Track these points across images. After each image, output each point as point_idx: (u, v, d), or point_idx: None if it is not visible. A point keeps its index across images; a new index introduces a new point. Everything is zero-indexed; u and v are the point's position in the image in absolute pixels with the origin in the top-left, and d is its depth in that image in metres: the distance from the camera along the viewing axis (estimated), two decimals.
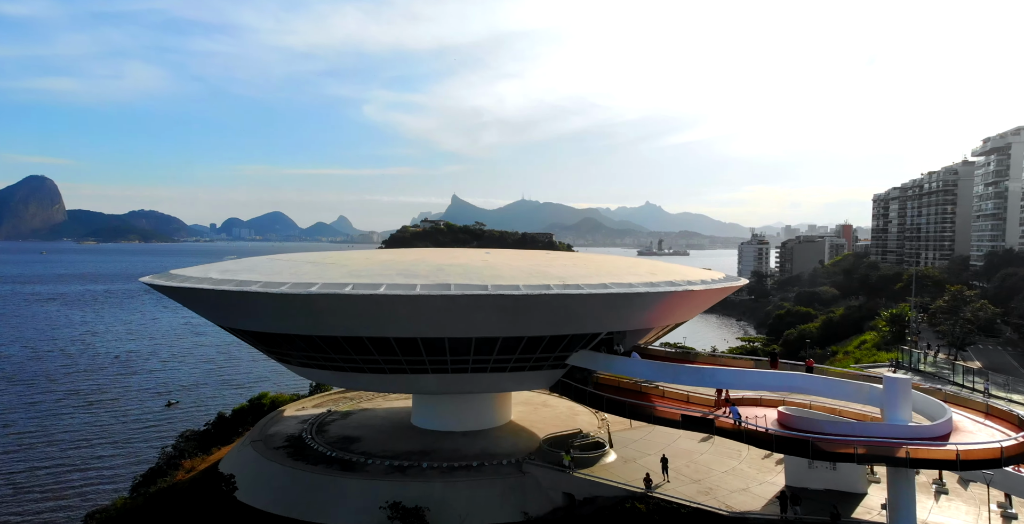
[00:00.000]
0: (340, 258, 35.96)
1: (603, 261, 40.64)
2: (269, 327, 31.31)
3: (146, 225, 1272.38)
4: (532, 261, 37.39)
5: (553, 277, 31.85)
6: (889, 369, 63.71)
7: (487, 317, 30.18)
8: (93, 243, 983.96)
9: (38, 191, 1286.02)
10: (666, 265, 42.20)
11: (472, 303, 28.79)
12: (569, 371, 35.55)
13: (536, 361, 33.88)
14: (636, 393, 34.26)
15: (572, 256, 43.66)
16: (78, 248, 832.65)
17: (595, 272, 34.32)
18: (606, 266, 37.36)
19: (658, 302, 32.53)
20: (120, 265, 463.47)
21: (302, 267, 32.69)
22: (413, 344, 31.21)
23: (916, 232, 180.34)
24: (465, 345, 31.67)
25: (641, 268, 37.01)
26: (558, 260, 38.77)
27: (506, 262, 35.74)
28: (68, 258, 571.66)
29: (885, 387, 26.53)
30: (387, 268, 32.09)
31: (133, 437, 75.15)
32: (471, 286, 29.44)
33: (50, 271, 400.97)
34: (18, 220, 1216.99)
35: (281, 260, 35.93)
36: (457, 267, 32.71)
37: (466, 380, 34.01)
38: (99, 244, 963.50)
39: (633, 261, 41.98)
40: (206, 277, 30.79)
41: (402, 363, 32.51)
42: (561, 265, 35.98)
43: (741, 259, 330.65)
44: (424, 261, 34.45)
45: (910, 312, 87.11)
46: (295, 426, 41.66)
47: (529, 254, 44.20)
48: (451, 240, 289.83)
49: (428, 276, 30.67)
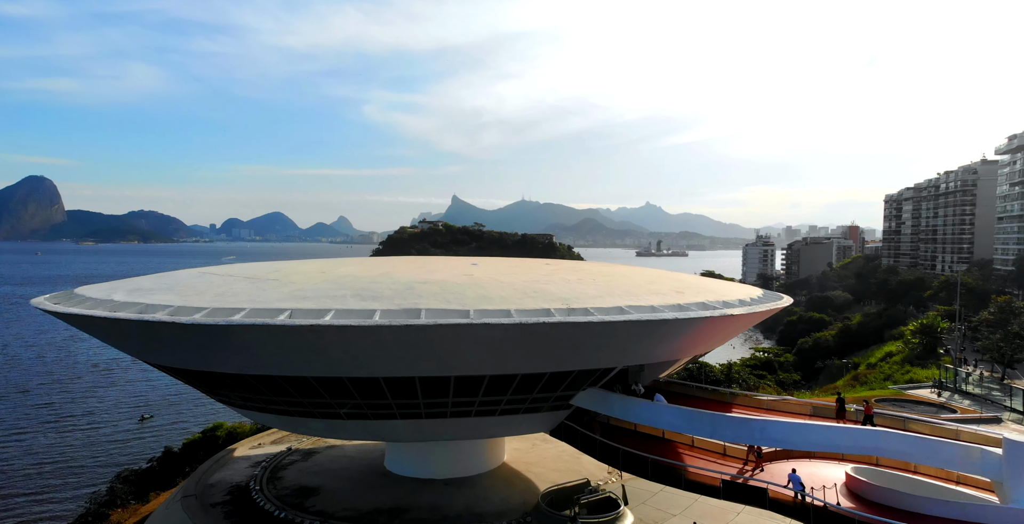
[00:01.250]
0: (290, 272, 28.93)
1: (614, 273, 33.55)
2: (188, 364, 24.45)
3: (146, 225, 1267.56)
4: (528, 274, 30.39)
5: (554, 297, 24.90)
6: (931, 390, 56.76)
7: (469, 352, 23.23)
8: (92, 244, 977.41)
9: (37, 191, 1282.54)
10: (692, 280, 35.11)
11: (449, 335, 21.86)
12: (574, 413, 28.65)
13: (533, 402, 26.94)
14: (658, 441, 27.37)
15: (576, 267, 36.50)
16: (76, 249, 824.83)
17: (606, 289, 27.34)
18: (619, 281, 30.30)
19: (689, 331, 25.54)
20: (117, 266, 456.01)
21: (235, 285, 25.69)
22: (374, 385, 24.28)
23: (932, 234, 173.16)
24: (442, 386, 24.73)
25: (663, 284, 29.95)
26: (559, 272, 31.78)
27: (495, 277, 28.72)
28: (64, 259, 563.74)
29: (1007, 453, 19.52)
30: (343, 287, 25.13)
31: (94, 462, 68.22)
32: (448, 312, 22.49)
33: (43, 272, 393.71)
34: (17, 220, 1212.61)
35: (215, 274, 28.91)
36: (433, 285, 25.74)
37: (445, 426, 27.06)
38: (98, 245, 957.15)
39: (652, 274, 34.87)
40: (106, 300, 23.84)
41: (362, 407, 25.57)
42: (563, 280, 28.98)
43: (746, 261, 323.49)
44: (393, 276, 27.44)
45: (943, 323, 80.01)
46: (244, 472, 34.64)
47: (525, 265, 37.11)
48: (450, 241, 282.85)
49: (393, 298, 23.72)
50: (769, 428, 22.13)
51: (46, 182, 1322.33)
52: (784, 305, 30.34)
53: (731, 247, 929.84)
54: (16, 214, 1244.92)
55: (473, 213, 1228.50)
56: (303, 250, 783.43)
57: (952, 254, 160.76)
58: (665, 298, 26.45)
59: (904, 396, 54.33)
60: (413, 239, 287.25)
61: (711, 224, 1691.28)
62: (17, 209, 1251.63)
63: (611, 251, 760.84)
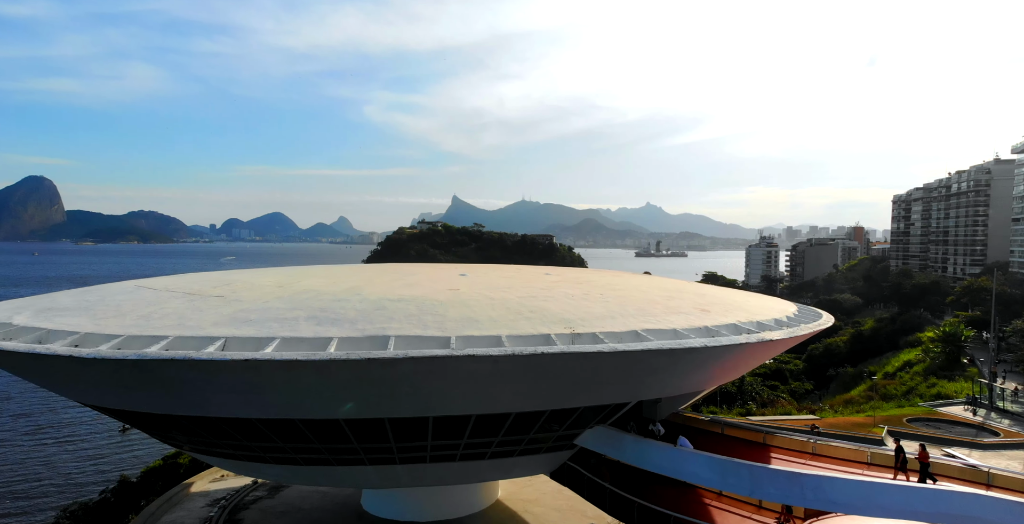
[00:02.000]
0: (241, 286, 24.42)
1: (626, 285, 28.97)
2: (103, 402, 20.03)
3: (145, 226, 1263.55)
4: (524, 288, 25.88)
5: (555, 318, 20.44)
6: (965, 407, 52.16)
7: (451, 390, 18.77)
8: (91, 244, 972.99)
9: (37, 191, 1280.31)
10: (715, 293, 30.50)
11: (424, 371, 17.39)
12: (579, 454, 24.18)
13: (529, 443, 22.46)
14: (680, 485, 22.87)
15: (580, 277, 31.87)
16: (74, 249, 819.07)
17: (618, 307, 22.85)
18: (632, 296, 25.76)
19: (720, 359, 21.05)
20: (113, 267, 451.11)
21: (169, 304, 21.18)
22: (333, 428, 19.81)
23: (943, 236, 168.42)
24: (418, 428, 20.27)
25: (684, 299, 25.41)
26: (561, 285, 27.26)
27: (485, 291, 24.23)
28: (61, 259, 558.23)
29: None
30: (298, 306, 20.66)
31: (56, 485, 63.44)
32: (424, 340, 18.03)
33: (38, 273, 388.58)
34: (17, 221, 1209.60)
35: (151, 289, 24.39)
36: (408, 303, 21.25)
37: (424, 472, 22.57)
38: (97, 245, 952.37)
39: (670, 286, 30.32)
40: (4, 323, 19.39)
41: (322, 452, 21.10)
42: (566, 295, 24.47)
43: (749, 262, 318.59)
44: (362, 292, 22.93)
45: (967, 330, 75.42)
46: (198, 513, 30.10)
47: (521, 275, 32.54)
48: (449, 242, 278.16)
49: (358, 321, 19.25)
50: (825, 487, 17.61)
51: (46, 182, 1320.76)
52: (826, 325, 25.82)
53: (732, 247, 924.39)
54: (16, 214, 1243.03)
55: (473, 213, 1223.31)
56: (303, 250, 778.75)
57: (964, 256, 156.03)
58: (689, 318, 21.97)
59: (937, 415, 49.75)
60: (412, 240, 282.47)
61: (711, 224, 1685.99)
62: (17, 209, 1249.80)
63: (611, 251, 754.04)
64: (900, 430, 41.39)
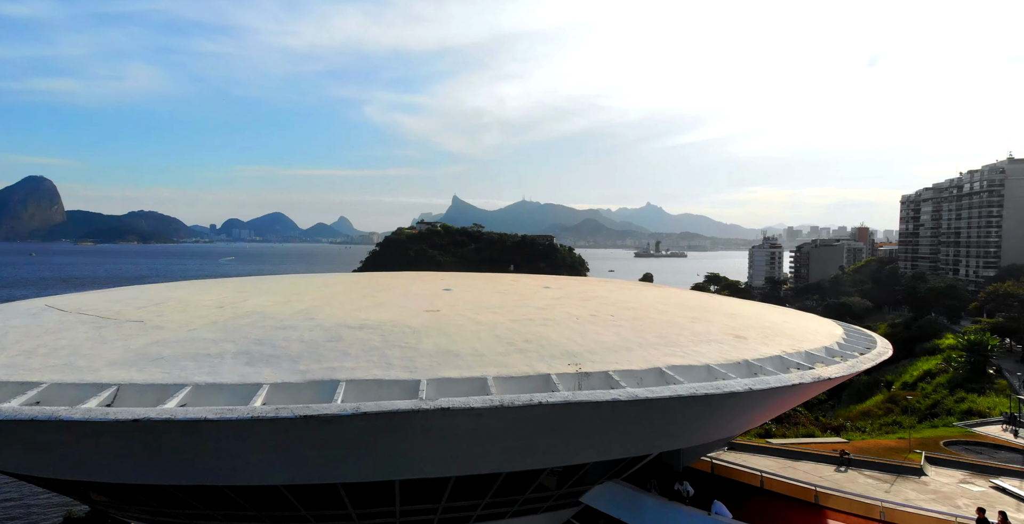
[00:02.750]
0: (174, 306, 20.01)
1: (642, 303, 24.46)
2: None
3: (145, 226, 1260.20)
4: (518, 307, 21.47)
5: (556, 350, 16.09)
6: (1003, 428, 47.74)
7: (421, 450, 14.41)
8: (91, 244, 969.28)
9: (36, 191, 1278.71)
10: (748, 310, 25.98)
11: (382, 429, 13.04)
12: (585, 512, 19.83)
13: (524, 504, 18.11)
14: None
15: (586, 291, 27.41)
16: (73, 249, 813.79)
17: (634, 333, 18.49)
18: (651, 317, 21.31)
19: (765, 403, 16.67)
20: (110, 267, 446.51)
21: (67, 333, 16.81)
22: (271, 494, 15.46)
23: (954, 237, 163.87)
24: (382, 492, 15.92)
25: (713, 320, 20.95)
26: (563, 302, 22.85)
27: (470, 313, 19.82)
28: (57, 260, 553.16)
29: None
30: (231, 335, 16.34)
31: None
32: (384, 385, 13.68)
33: (35, 274, 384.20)
34: (16, 221, 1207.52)
35: (59, 310, 19.99)
36: (372, 331, 16.88)
37: None
38: (96, 245, 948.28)
39: (694, 302, 25.84)
40: None
41: (261, 519, 16.74)
42: (569, 317, 20.08)
43: (752, 263, 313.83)
44: (315, 316, 18.53)
45: (992, 339, 70.94)
46: None
47: (515, 289, 28.05)
48: (448, 243, 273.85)
49: (301, 358, 14.90)
50: None
51: (46, 182, 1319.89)
52: (885, 356, 21.36)
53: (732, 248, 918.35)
54: (15, 215, 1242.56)
55: (474, 213, 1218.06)
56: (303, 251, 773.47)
57: (977, 258, 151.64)
58: (722, 349, 17.59)
59: (975, 436, 45.32)
60: (411, 241, 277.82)
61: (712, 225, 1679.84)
62: (16, 209, 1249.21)
63: (612, 252, 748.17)
64: (938, 456, 37.16)
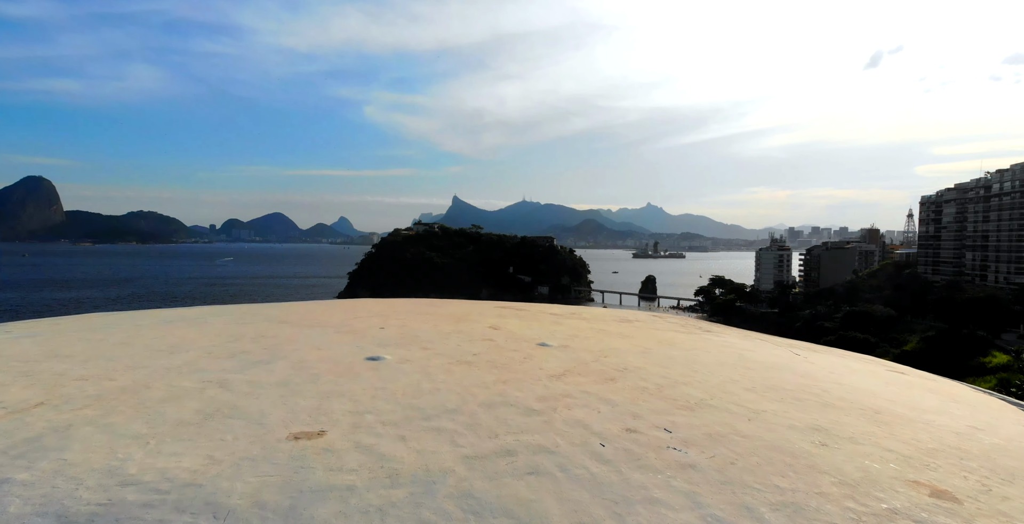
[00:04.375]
0: None
1: (693, 370, 15.46)
2: None
3: (145, 226, 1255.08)
4: (488, 426, 12.61)
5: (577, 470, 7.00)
6: None
7: None
8: (90, 244, 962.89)
9: (35, 192, 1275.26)
10: (875, 383, 17.14)
11: None
12: None
13: None
14: None
15: (603, 346, 17.85)
16: (71, 250, 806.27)
17: (722, 498, 9.69)
18: (728, 419, 12.20)
19: None
20: (106, 268, 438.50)
21: None
22: None
23: (981, 240, 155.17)
24: None
25: (853, 433, 11.84)
26: (572, 393, 13.76)
27: (383, 450, 10.85)
28: (54, 261, 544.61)
29: None
30: None
31: None
32: None
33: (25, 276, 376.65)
34: (15, 221, 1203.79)
35: None
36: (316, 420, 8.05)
37: None
38: (95, 245, 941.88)
39: (789, 379, 16.63)
40: None
41: None
42: (590, 451, 11.14)
43: (759, 266, 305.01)
44: None
45: None
46: None
47: (491, 350, 18.86)
48: (447, 244, 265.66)
49: None
50: None
51: (45, 182, 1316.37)
52: None
53: (733, 248, 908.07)
54: (15, 215, 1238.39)
55: (474, 213, 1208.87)
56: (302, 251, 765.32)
57: (1008, 264, 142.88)
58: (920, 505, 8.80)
59: None
60: (408, 242, 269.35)
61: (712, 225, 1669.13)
62: (15, 210, 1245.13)
63: (612, 252, 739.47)
64: None
